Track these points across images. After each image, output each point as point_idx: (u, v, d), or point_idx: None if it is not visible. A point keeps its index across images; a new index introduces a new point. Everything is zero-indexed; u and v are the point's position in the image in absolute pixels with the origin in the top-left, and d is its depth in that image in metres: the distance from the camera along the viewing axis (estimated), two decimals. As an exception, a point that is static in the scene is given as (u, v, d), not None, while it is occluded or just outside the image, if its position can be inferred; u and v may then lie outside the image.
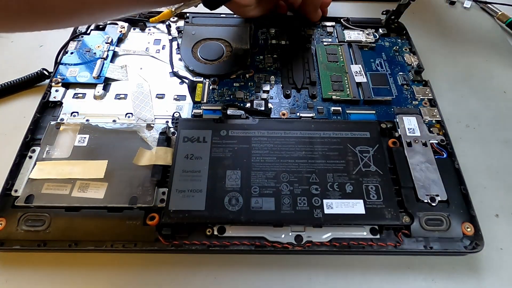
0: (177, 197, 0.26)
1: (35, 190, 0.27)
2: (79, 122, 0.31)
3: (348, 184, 0.28)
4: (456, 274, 0.26)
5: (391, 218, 0.26)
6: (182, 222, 0.26)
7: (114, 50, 0.37)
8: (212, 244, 0.25)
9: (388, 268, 0.26)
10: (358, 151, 0.29)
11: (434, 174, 0.28)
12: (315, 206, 0.26)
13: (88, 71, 0.35)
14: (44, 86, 0.34)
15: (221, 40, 0.38)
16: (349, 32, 0.40)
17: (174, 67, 0.36)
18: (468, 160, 0.32)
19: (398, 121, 0.32)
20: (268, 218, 0.26)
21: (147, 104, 0.33)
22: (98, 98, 0.34)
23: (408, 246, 0.26)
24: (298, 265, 0.26)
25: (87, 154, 0.29)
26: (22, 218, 0.26)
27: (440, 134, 0.31)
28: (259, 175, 0.28)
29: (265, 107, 0.33)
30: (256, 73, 0.36)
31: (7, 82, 0.35)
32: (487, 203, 0.30)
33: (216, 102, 0.34)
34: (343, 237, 0.26)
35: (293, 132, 0.30)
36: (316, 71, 0.36)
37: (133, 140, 0.30)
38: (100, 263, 0.26)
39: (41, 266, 0.26)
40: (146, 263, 0.26)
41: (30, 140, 0.30)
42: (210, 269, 0.26)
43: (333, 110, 0.33)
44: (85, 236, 0.26)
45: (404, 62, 0.38)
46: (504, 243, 0.28)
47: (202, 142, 0.29)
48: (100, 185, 0.27)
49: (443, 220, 0.26)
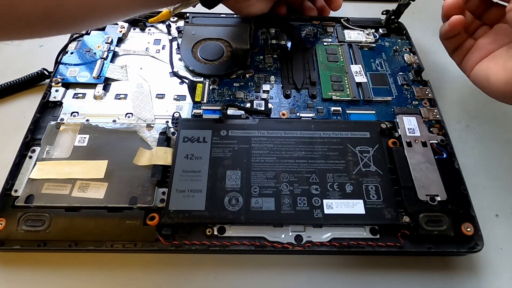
0: (177, 197, 0.26)
1: (35, 190, 0.27)
2: (79, 122, 0.31)
3: (348, 184, 0.28)
4: (456, 274, 0.26)
5: (391, 218, 0.26)
6: (182, 222, 0.26)
7: (114, 50, 0.37)
8: (212, 244, 0.25)
9: (388, 268, 0.26)
10: (358, 151, 0.29)
11: (434, 174, 0.28)
12: (315, 206, 0.26)
13: (88, 71, 0.35)
14: (44, 86, 0.34)
15: (221, 40, 0.38)
16: (349, 32, 0.40)
17: (174, 67, 0.36)
18: (468, 160, 0.32)
19: (398, 121, 0.32)
20: (268, 218, 0.26)
21: (147, 104, 0.33)
22: (98, 98, 0.34)
23: (407, 246, 0.26)
24: (298, 265, 0.26)
25: (87, 154, 0.29)
26: (22, 218, 0.26)
27: (440, 134, 0.31)
28: (259, 175, 0.28)
29: (265, 107, 0.33)
30: (256, 73, 0.36)
31: (7, 82, 0.35)
32: (487, 203, 0.30)
33: (216, 102, 0.34)
34: (343, 237, 0.26)
35: (293, 132, 0.30)
36: (316, 71, 0.36)
37: (133, 140, 0.30)
38: (100, 263, 0.26)
39: (41, 266, 0.26)
40: (146, 263, 0.26)
41: (30, 140, 0.30)
42: (210, 269, 0.26)
43: (333, 110, 0.33)
44: (85, 236, 0.26)
45: (404, 62, 0.38)
46: (504, 243, 0.28)
47: (202, 142, 0.29)
48: (100, 185, 0.27)
49: (443, 220, 0.26)
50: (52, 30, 0.23)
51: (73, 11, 0.21)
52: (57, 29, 0.24)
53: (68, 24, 0.22)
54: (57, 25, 0.22)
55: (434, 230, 0.26)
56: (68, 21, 0.22)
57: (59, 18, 0.21)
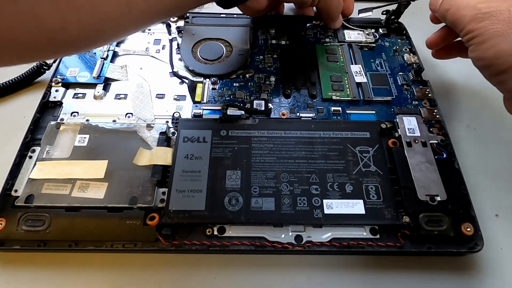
0: (177, 197, 0.26)
1: (35, 190, 0.27)
2: (79, 122, 0.31)
3: (348, 184, 0.28)
4: (456, 274, 0.26)
5: (391, 218, 0.26)
6: (182, 222, 0.26)
7: (114, 50, 0.37)
8: (212, 244, 0.25)
9: (388, 268, 0.26)
10: (358, 151, 0.29)
11: (434, 174, 0.28)
12: (315, 206, 0.26)
13: (88, 71, 0.35)
14: (44, 83, 0.34)
15: (221, 40, 0.38)
16: (349, 32, 0.40)
17: (174, 67, 0.36)
18: (468, 160, 0.32)
19: (398, 121, 0.32)
20: (268, 218, 0.26)
21: (147, 104, 0.33)
22: (98, 98, 0.34)
23: (407, 246, 0.26)
24: (298, 265, 0.26)
25: (87, 154, 0.29)
26: (22, 218, 0.26)
27: (440, 134, 0.31)
28: (259, 175, 0.28)
29: (265, 107, 0.33)
30: (256, 73, 0.36)
31: (7, 81, 0.35)
32: (487, 203, 0.30)
33: (216, 102, 0.34)
34: (343, 237, 0.26)
35: (293, 132, 0.30)
36: (316, 71, 0.36)
37: (133, 140, 0.30)
38: (100, 263, 0.26)
39: (41, 266, 0.26)
40: (146, 263, 0.26)
41: (30, 140, 0.30)
42: (210, 269, 0.26)
43: (333, 110, 0.33)
44: (85, 236, 0.26)
45: (404, 62, 0.38)
46: (504, 243, 0.28)
47: (202, 142, 0.29)
48: (100, 185, 0.27)
49: (443, 220, 0.26)
50: (57, 53, 0.23)
51: (76, 36, 0.20)
52: (61, 52, 0.24)
53: (72, 47, 0.22)
54: (61, 49, 0.21)
55: (434, 230, 0.26)
56: (72, 45, 0.21)
57: (63, 43, 0.20)
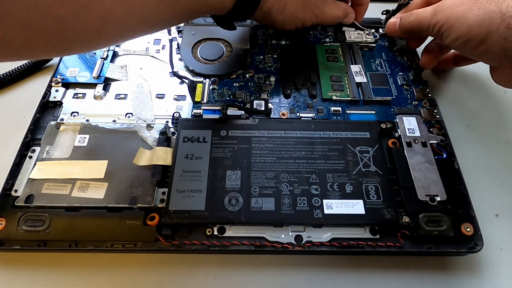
0: (177, 197, 0.26)
1: (35, 190, 0.27)
2: (79, 122, 0.31)
3: (348, 184, 0.28)
4: (456, 274, 0.26)
5: (391, 218, 0.26)
6: (182, 222, 0.26)
7: (114, 50, 0.37)
8: (212, 244, 0.25)
9: (388, 268, 0.26)
10: (358, 151, 0.29)
11: (433, 174, 0.28)
12: (315, 206, 0.26)
13: (88, 71, 0.35)
14: (44, 84, 0.34)
15: (221, 40, 0.38)
16: (349, 32, 0.40)
17: (174, 67, 0.36)
18: (468, 160, 0.32)
19: (398, 121, 0.32)
20: (268, 218, 0.26)
21: (147, 104, 0.33)
22: (98, 98, 0.33)
23: (407, 246, 0.26)
24: (298, 265, 0.26)
25: (87, 154, 0.29)
26: (22, 218, 0.26)
27: (440, 134, 0.31)
28: (259, 175, 0.28)
29: (265, 107, 0.33)
30: (256, 73, 0.36)
31: (7, 72, 0.36)
32: (487, 203, 0.30)
33: (216, 102, 0.34)
34: (343, 237, 0.26)
35: (293, 132, 0.30)
36: (316, 71, 0.36)
37: (133, 140, 0.30)
38: (100, 263, 0.26)
39: (41, 266, 0.26)
40: (146, 263, 0.26)
41: (30, 140, 0.30)
42: (210, 269, 0.26)
43: (333, 110, 0.33)
44: (85, 236, 0.26)
45: (404, 62, 0.38)
46: (504, 243, 0.28)
47: (202, 142, 0.29)
48: (100, 185, 0.27)
49: (442, 220, 0.26)
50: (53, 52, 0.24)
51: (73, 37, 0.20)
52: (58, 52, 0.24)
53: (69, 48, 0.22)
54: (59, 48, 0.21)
55: (434, 230, 0.26)
56: (70, 46, 0.21)
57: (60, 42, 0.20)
